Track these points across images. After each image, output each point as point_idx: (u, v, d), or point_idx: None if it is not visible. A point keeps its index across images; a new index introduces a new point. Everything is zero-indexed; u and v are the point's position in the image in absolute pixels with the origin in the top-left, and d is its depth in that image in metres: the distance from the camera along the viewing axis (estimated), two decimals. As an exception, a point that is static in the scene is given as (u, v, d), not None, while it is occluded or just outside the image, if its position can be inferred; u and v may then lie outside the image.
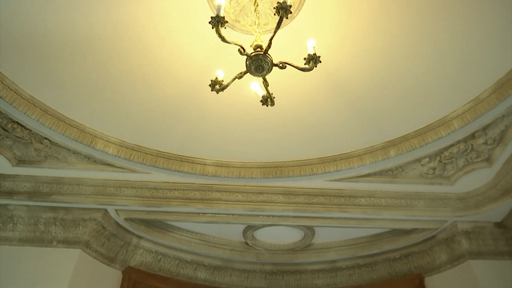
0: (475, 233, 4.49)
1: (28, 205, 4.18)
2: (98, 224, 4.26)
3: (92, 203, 4.15)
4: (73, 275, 3.97)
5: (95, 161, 3.97)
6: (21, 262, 3.97)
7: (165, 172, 4.03)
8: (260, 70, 2.44)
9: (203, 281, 4.88)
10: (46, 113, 3.52)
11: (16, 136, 3.71)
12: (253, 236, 4.75)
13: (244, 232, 4.68)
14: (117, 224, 4.45)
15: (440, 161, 3.94)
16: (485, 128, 3.59)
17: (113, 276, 4.44)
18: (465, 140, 3.72)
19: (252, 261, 5.02)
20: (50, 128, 3.58)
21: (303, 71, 2.47)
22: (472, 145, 3.76)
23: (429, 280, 4.70)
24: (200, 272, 4.90)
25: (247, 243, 4.87)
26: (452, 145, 3.78)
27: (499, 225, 4.52)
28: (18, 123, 3.58)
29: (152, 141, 3.89)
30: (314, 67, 2.44)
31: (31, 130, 3.66)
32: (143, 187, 4.15)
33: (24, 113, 3.42)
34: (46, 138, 3.74)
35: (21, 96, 3.36)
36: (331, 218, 4.39)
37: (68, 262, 4.04)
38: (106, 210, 4.26)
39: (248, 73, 2.51)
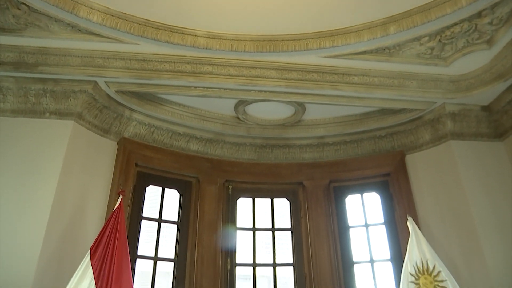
0: (461, 115, 4.60)
1: (15, 76, 4.08)
2: (89, 96, 4.23)
3: (81, 74, 4.05)
4: (69, 145, 4.07)
5: (79, 30, 3.74)
6: (16, 132, 4.04)
7: (154, 43, 3.83)
8: None
9: (196, 152, 5.09)
10: (17, -29, 3.19)
11: (-12, 0, 3.43)
12: (245, 111, 4.81)
13: (236, 106, 4.72)
14: (108, 96, 4.42)
15: (440, 40, 3.80)
16: (493, 7, 3.39)
17: (108, 147, 4.58)
18: (470, 19, 3.53)
19: (243, 135, 5.18)
20: (25, -9, 3.28)
21: None
22: (476, 24, 3.60)
23: (409, 157, 4.96)
24: (193, 144, 5.08)
25: (238, 118, 4.95)
26: (455, 24, 3.60)
27: (485, 108, 4.61)
28: (-13, -16, 3.28)
29: (139, 9, 3.61)
30: None
31: (3, -7, 3.37)
32: (132, 58, 4.01)
33: (-9, -29, 3.11)
34: (23, 3, 3.44)
35: (-17, -52, 3.00)
36: (323, 95, 4.40)
37: (62, 133, 4.11)
38: (96, 82, 4.19)
39: None
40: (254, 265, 4.80)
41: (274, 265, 4.84)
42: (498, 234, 4.18)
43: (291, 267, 4.82)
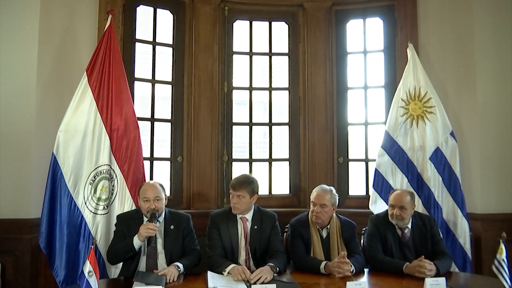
0: None
1: None
2: None
3: None
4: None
5: None
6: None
7: None
8: None
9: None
10: None
11: None
12: None
13: None
14: None
15: None
16: None
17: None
18: None
19: None
20: None
21: None
22: None
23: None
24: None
25: None
26: None
27: None
28: None
29: None
30: None
31: None
32: None
33: None
34: None
35: None
36: None
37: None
38: None
39: None
40: (251, 88, 4.89)
41: (270, 89, 4.93)
42: (495, 71, 4.13)
43: (287, 92, 4.94)
